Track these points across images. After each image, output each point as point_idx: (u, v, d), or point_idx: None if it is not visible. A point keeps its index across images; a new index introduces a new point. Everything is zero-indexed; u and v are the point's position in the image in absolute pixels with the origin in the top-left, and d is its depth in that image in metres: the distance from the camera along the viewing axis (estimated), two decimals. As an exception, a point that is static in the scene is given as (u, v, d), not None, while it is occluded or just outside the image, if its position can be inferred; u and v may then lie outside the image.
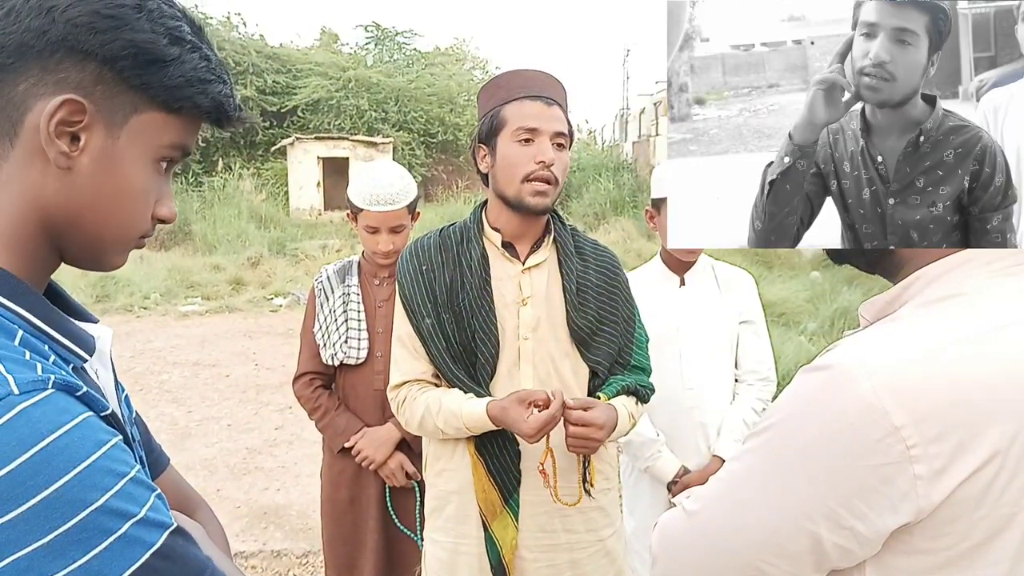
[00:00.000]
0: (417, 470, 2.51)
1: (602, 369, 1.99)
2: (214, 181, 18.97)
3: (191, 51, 0.88)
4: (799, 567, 0.92)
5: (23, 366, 0.75)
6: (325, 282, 2.69)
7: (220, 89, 0.91)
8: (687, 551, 1.02)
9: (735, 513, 0.96)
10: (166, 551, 0.76)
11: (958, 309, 0.91)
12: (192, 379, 7.75)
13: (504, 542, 1.93)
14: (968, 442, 0.84)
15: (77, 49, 0.82)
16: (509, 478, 1.94)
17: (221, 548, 1.04)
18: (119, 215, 0.89)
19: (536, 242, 2.02)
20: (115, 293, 11.55)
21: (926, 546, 0.87)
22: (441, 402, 1.90)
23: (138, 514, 0.75)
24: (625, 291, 2.08)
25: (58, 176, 0.84)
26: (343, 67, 23.61)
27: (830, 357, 0.91)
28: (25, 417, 0.71)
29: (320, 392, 2.69)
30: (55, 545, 0.70)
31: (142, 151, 0.88)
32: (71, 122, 0.82)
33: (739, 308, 2.62)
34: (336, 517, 2.69)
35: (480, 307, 1.93)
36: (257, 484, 5.20)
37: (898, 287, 0.98)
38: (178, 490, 1.14)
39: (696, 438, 2.56)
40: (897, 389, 0.85)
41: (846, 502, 0.87)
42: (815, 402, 0.90)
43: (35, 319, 0.83)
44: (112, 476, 0.74)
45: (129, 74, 0.84)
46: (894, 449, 0.84)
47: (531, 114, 1.89)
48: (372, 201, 2.51)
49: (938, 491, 0.84)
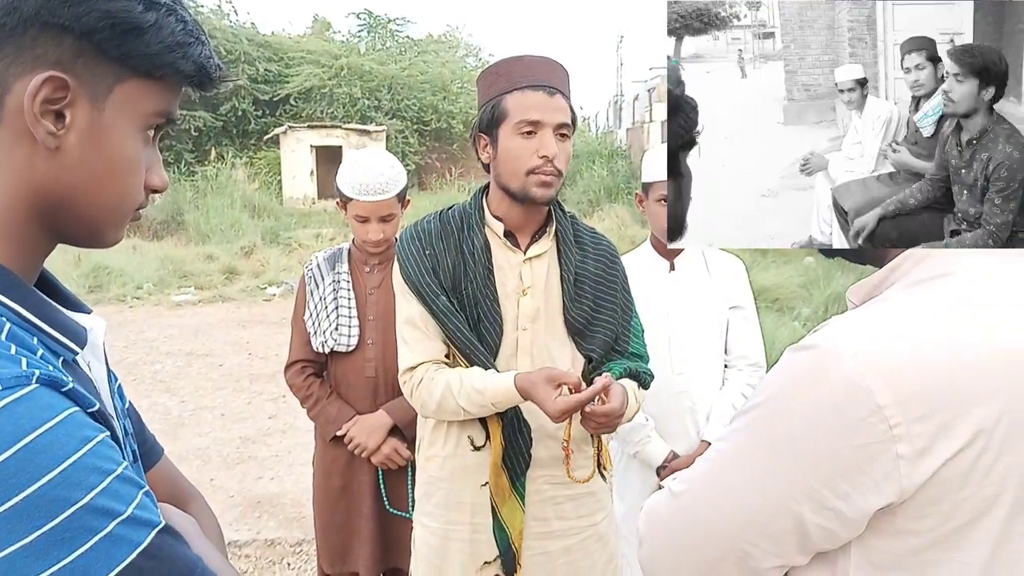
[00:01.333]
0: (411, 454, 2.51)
1: (597, 356, 1.99)
2: (207, 170, 18.89)
3: (167, 14, 0.85)
4: (783, 548, 0.92)
5: (7, 360, 0.73)
6: (315, 269, 2.68)
7: (200, 51, 0.88)
8: (673, 533, 1.02)
9: (719, 494, 0.96)
10: (153, 550, 0.74)
11: (944, 288, 0.91)
12: (185, 369, 7.74)
13: (513, 527, 1.93)
14: (952, 422, 0.83)
15: (51, 24, 0.79)
16: (520, 461, 1.94)
17: (214, 541, 1.02)
18: (113, 189, 0.86)
19: (537, 231, 2.01)
20: (108, 283, 11.52)
21: (910, 527, 0.87)
22: (462, 380, 1.86)
23: (124, 512, 0.73)
24: (622, 280, 2.07)
25: (46, 156, 0.81)
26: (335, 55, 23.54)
27: (816, 337, 0.91)
28: (7, 413, 0.69)
29: (311, 380, 2.68)
30: (38, 545, 0.68)
31: (128, 122, 0.86)
32: (54, 99, 0.80)
33: (729, 293, 2.62)
34: (329, 505, 2.69)
35: (485, 296, 1.92)
36: (251, 473, 5.20)
37: (885, 269, 0.98)
38: (171, 482, 1.12)
39: (685, 423, 2.56)
40: (881, 369, 0.85)
41: (829, 482, 0.87)
42: (800, 381, 0.90)
43: (24, 311, 0.81)
44: (97, 474, 0.72)
45: (108, 45, 0.82)
46: (877, 428, 0.84)
47: (533, 105, 1.86)
48: (361, 190, 2.50)
49: (921, 471, 0.84)
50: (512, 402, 1.84)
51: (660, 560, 1.04)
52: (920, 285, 0.93)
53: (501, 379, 1.83)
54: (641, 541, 1.07)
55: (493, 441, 1.93)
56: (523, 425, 1.93)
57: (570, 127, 1.91)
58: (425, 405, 1.94)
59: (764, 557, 0.93)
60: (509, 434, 1.92)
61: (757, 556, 0.94)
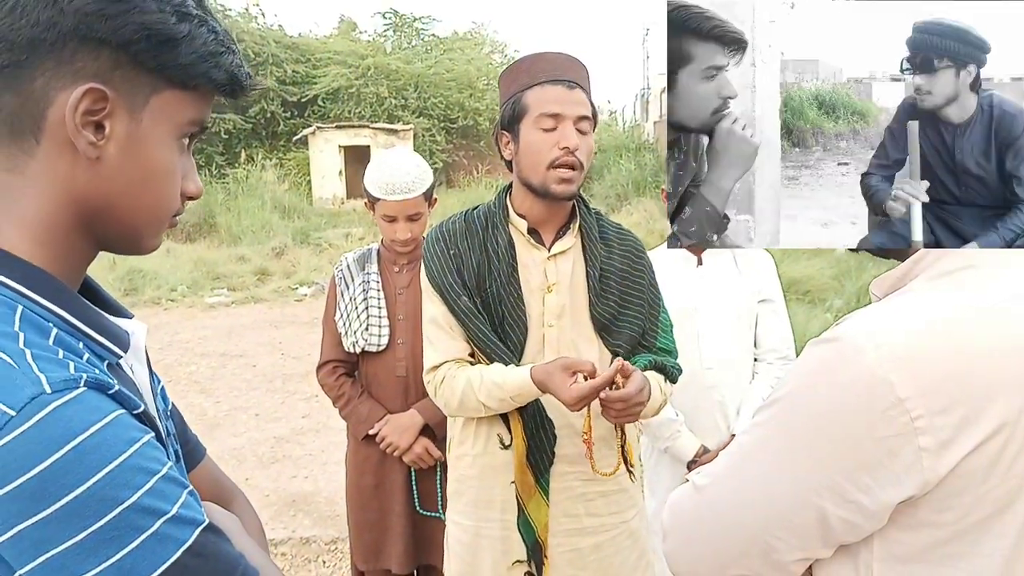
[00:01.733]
0: (442, 453, 2.53)
1: (624, 351, 1.98)
2: (237, 173, 19.08)
3: (199, 25, 0.87)
4: (806, 541, 0.92)
5: (56, 365, 0.75)
6: (345, 270, 2.71)
7: (231, 60, 0.91)
8: (696, 526, 1.02)
9: (743, 487, 0.97)
10: (198, 548, 0.76)
11: (968, 281, 0.91)
12: (219, 370, 7.84)
13: (539, 522, 1.94)
14: (974, 414, 0.83)
15: (89, 37, 0.81)
16: (543, 458, 1.94)
17: (256, 539, 1.04)
18: (151, 197, 0.89)
19: (561, 228, 2.01)
20: (143, 286, 11.68)
21: (932, 519, 0.86)
22: (483, 376, 1.88)
23: (170, 511, 0.75)
24: (649, 275, 2.07)
25: (87, 167, 0.83)
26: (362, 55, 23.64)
27: (837, 330, 0.91)
28: (57, 416, 0.71)
29: (343, 380, 2.71)
30: (87, 543, 0.70)
31: (164, 131, 0.88)
32: (94, 111, 0.82)
33: (757, 287, 2.60)
34: (362, 504, 2.72)
35: (509, 294, 1.93)
36: (285, 472, 5.26)
37: (909, 261, 0.97)
38: (214, 481, 1.14)
39: (715, 417, 2.56)
40: (903, 360, 0.84)
41: (851, 475, 0.86)
42: (821, 374, 0.90)
43: (70, 316, 0.83)
44: (144, 474, 0.74)
45: (144, 57, 0.84)
46: (899, 421, 0.83)
47: (553, 99, 1.87)
48: (388, 190, 2.52)
49: (944, 463, 0.83)
50: (530, 395, 1.84)
51: (684, 553, 1.04)
52: (943, 278, 0.92)
53: (518, 372, 1.84)
54: (665, 534, 1.07)
55: (516, 438, 1.94)
56: (546, 421, 1.93)
57: (591, 121, 1.92)
58: (448, 403, 1.95)
59: (788, 550, 0.93)
60: (532, 430, 1.93)
61: (781, 549, 0.94)
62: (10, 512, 0.69)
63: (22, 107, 0.82)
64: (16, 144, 0.83)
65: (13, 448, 0.69)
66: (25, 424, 0.70)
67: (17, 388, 0.71)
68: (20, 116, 0.82)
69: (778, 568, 0.96)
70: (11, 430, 0.70)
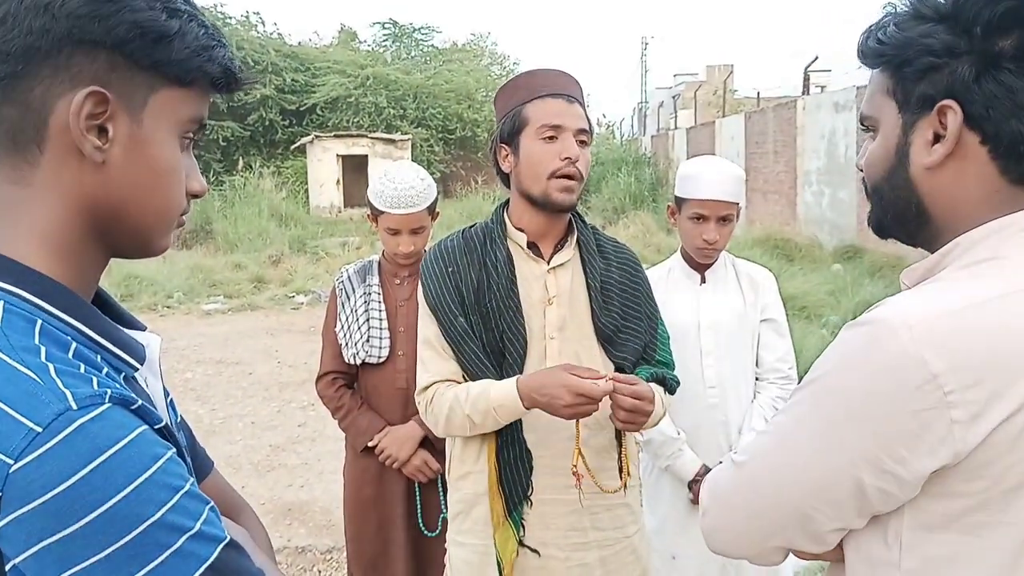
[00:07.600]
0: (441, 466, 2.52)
1: (628, 365, 1.99)
2: (235, 180, 19.10)
3: (188, 21, 0.87)
4: (844, 512, 0.97)
5: (79, 379, 0.75)
6: (346, 282, 2.71)
7: (223, 53, 0.91)
8: (736, 498, 1.07)
9: (783, 462, 1.02)
10: (220, 565, 0.77)
11: (996, 270, 0.95)
12: (215, 377, 7.83)
13: (504, 553, 1.92)
14: (1003, 389, 0.88)
15: (84, 40, 0.81)
16: (516, 490, 1.92)
17: (265, 552, 1.04)
18: (158, 198, 0.89)
19: (559, 241, 2.02)
20: (139, 292, 11.65)
21: (961, 489, 0.91)
22: (469, 389, 1.89)
23: (193, 528, 0.75)
24: (646, 288, 2.08)
25: (94, 171, 0.84)
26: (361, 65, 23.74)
27: (872, 314, 0.96)
28: (83, 432, 0.71)
29: (343, 391, 2.71)
30: (112, 559, 0.71)
31: (166, 131, 0.88)
32: (96, 114, 0.82)
33: (760, 306, 2.61)
34: (361, 516, 2.71)
35: (507, 307, 1.93)
36: (281, 481, 5.24)
37: (938, 254, 1.02)
38: (222, 494, 1.14)
39: (717, 437, 2.55)
40: (935, 339, 0.89)
41: (887, 447, 0.91)
42: (857, 354, 0.95)
43: (88, 329, 0.83)
44: (168, 490, 0.74)
45: (139, 56, 0.84)
46: (932, 396, 0.88)
47: (554, 111, 1.91)
48: (392, 204, 2.52)
49: (974, 434, 0.88)
50: (515, 407, 1.83)
51: (724, 528, 1.10)
52: (973, 267, 0.97)
53: (505, 381, 1.86)
54: (704, 511, 1.12)
55: (489, 461, 1.93)
56: (523, 451, 1.91)
57: (589, 135, 1.97)
58: (437, 421, 1.95)
59: (826, 521, 0.99)
60: (507, 458, 1.91)
61: (819, 520, 0.99)
62: (35, 528, 0.69)
63: (23, 118, 0.82)
64: (20, 155, 0.83)
65: (39, 465, 0.69)
66: (52, 441, 0.70)
67: (43, 404, 0.72)
68: (22, 127, 0.82)
69: (815, 539, 1.02)
70: (38, 447, 0.70)
